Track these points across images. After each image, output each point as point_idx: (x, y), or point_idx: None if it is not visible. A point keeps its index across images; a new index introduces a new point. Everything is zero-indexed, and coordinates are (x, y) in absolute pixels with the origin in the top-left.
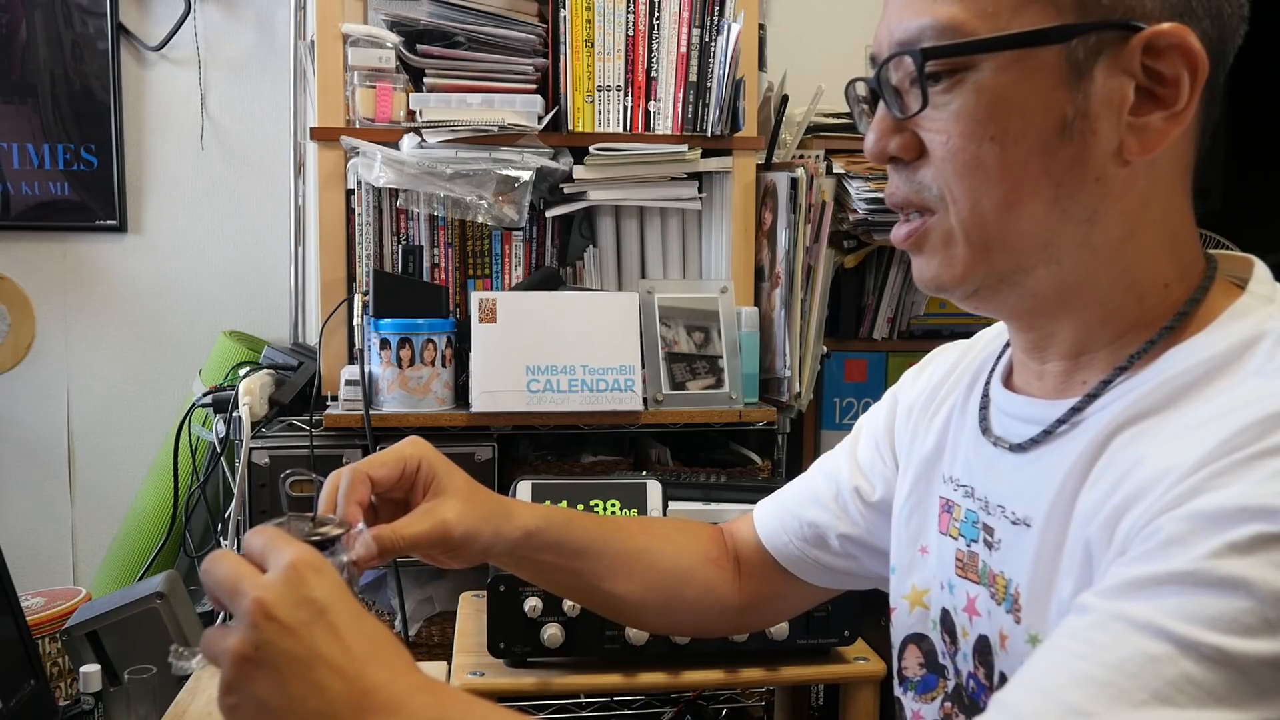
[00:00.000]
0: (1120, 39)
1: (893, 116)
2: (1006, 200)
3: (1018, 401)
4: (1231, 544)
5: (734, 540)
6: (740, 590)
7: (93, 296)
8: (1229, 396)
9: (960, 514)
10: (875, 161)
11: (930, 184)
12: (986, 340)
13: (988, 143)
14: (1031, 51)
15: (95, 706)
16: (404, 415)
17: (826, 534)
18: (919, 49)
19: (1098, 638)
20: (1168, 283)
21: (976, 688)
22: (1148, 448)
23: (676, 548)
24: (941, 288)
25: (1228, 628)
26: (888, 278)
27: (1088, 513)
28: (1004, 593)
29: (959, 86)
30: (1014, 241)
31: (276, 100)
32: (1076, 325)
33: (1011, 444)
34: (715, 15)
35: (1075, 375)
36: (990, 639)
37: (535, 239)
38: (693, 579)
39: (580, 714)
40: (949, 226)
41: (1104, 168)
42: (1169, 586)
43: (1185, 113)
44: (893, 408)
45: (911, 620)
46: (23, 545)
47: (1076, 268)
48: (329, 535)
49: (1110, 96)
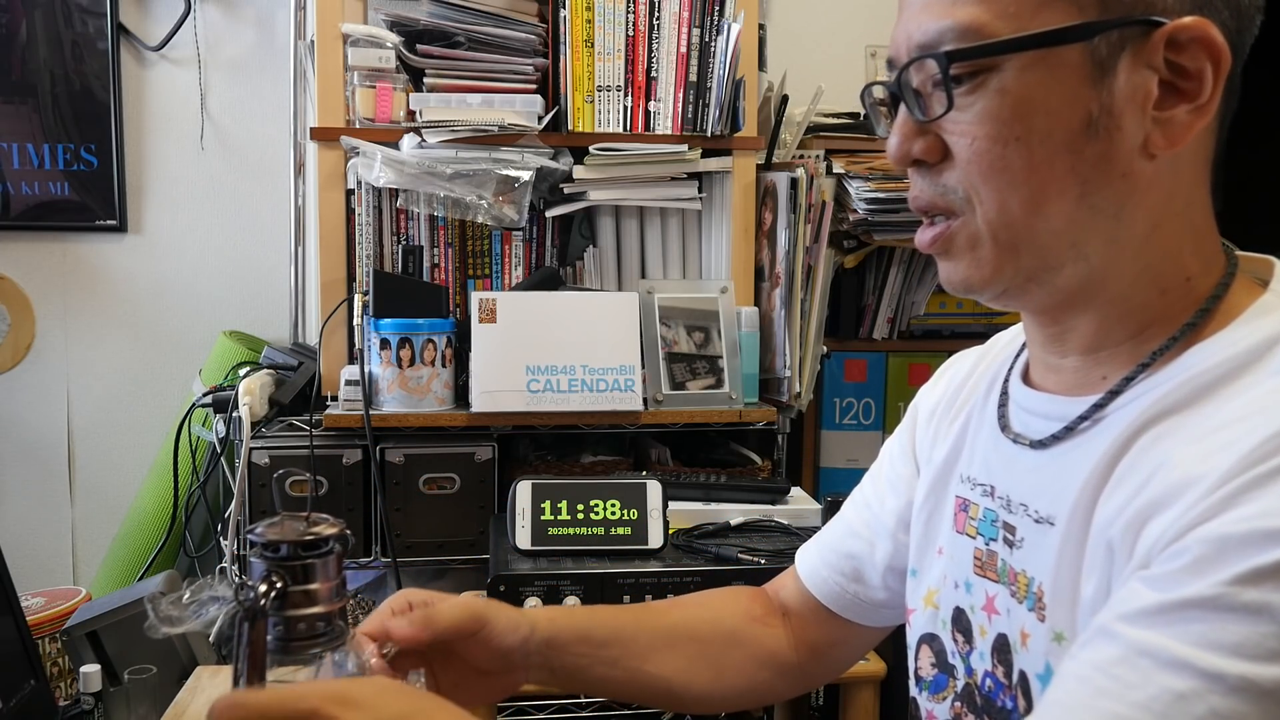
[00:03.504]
0: (1143, 34)
1: (915, 120)
2: (1033, 200)
3: (1037, 398)
4: (1256, 570)
5: (779, 595)
6: (795, 645)
7: (93, 296)
8: (1251, 396)
9: (978, 513)
10: (898, 165)
11: (955, 186)
12: (1004, 343)
13: (1013, 143)
14: (1055, 50)
15: (95, 706)
16: (404, 415)
17: (863, 566)
18: (942, 51)
19: (1125, 675)
20: (1190, 276)
21: (995, 686)
22: (1172, 448)
23: (714, 612)
24: (970, 289)
25: (1251, 655)
26: (888, 278)
27: (1111, 514)
28: (1025, 591)
29: (982, 88)
30: (1042, 240)
31: (276, 100)
32: (1097, 319)
33: (1032, 441)
34: (715, 15)
35: (1095, 370)
36: (1010, 637)
37: (535, 239)
38: (739, 641)
39: (580, 714)
40: (976, 228)
41: (1130, 163)
42: (1193, 612)
43: (1209, 105)
44: (913, 418)
45: (925, 620)
46: (23, 545)
47: (1103, 263)
48: (322, 535)
49: (1134, 92)
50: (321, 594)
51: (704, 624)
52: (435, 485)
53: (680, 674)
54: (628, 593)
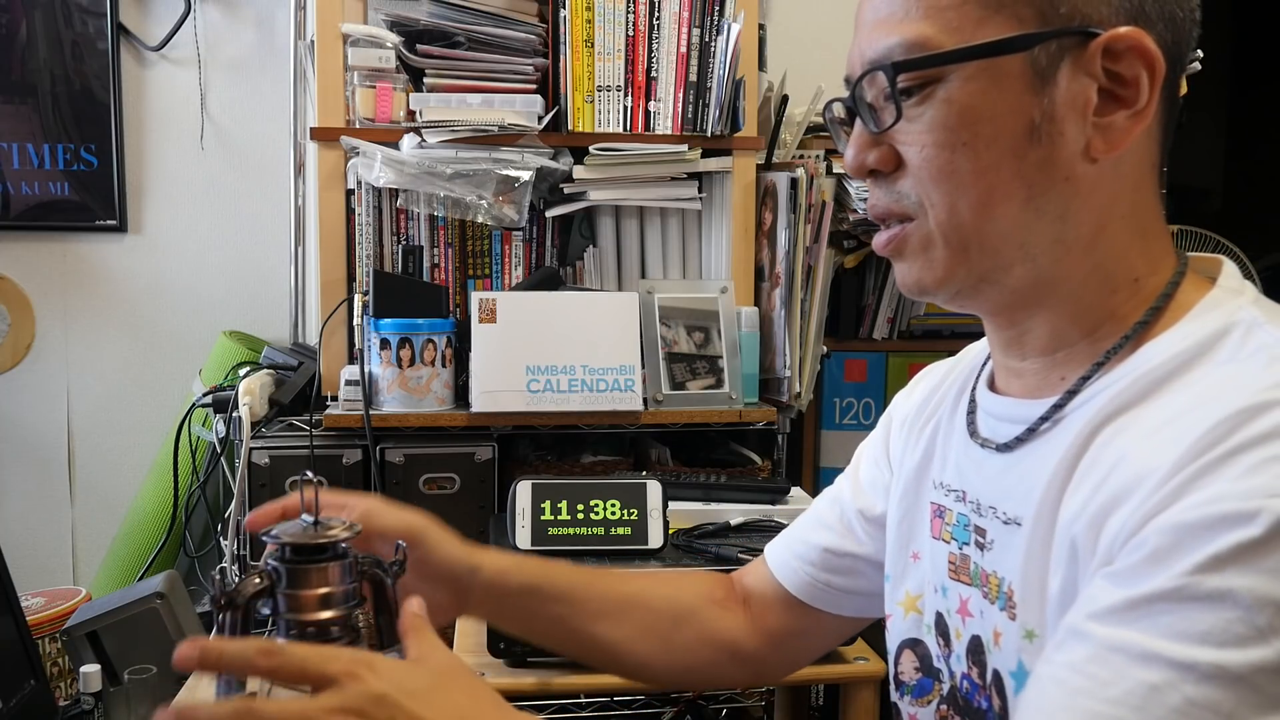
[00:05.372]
0: (1080, 44)
1: (869, 132)
2: (981, 202)
3: (1001, 402)
4: (1215, 556)
5: (743, 583)
6: (754, 633)
7: (93, 296)
8: (1201, 386)
9: (952, 518)
10: (855, 175)
11: (909, 193)
12: (974, 354)
13: (960, 149)
14: (997, 61)
15: (95, 706)
16: (404, 415)
17: (835, 554)
18: (890, 64)
19: (1099, 672)
20: (1138, 277)
21: (970, 688)
22: (1126, 444)
23: (673, 589)
24: (924, 290)
25: (1219, 641)
26: (888, 278)
27: (1074, 512)
28: (997, 591)
29: (930, 99)
30: (991, 241)
31: (276, 100)
32: (1051, 321)
33: (998, 444)
34: (715, 15)
35: (1054, 372)
36: (983, 638)
37: (535, 239)
38: (694, 619)
39: (580, 714)
40: (928, 231)
41: (1073, 167)
42: (1159, 605)
43: (1147, 110)
44: (888, 425)
45: (906, 626)
46: (23, 545)
47: (1051, 264)
48: (338, 538)
49: (1074, 99)
50: (329, 598)
51: (660, 598)
52: (435, 485)
53: (626, 641)
54: None
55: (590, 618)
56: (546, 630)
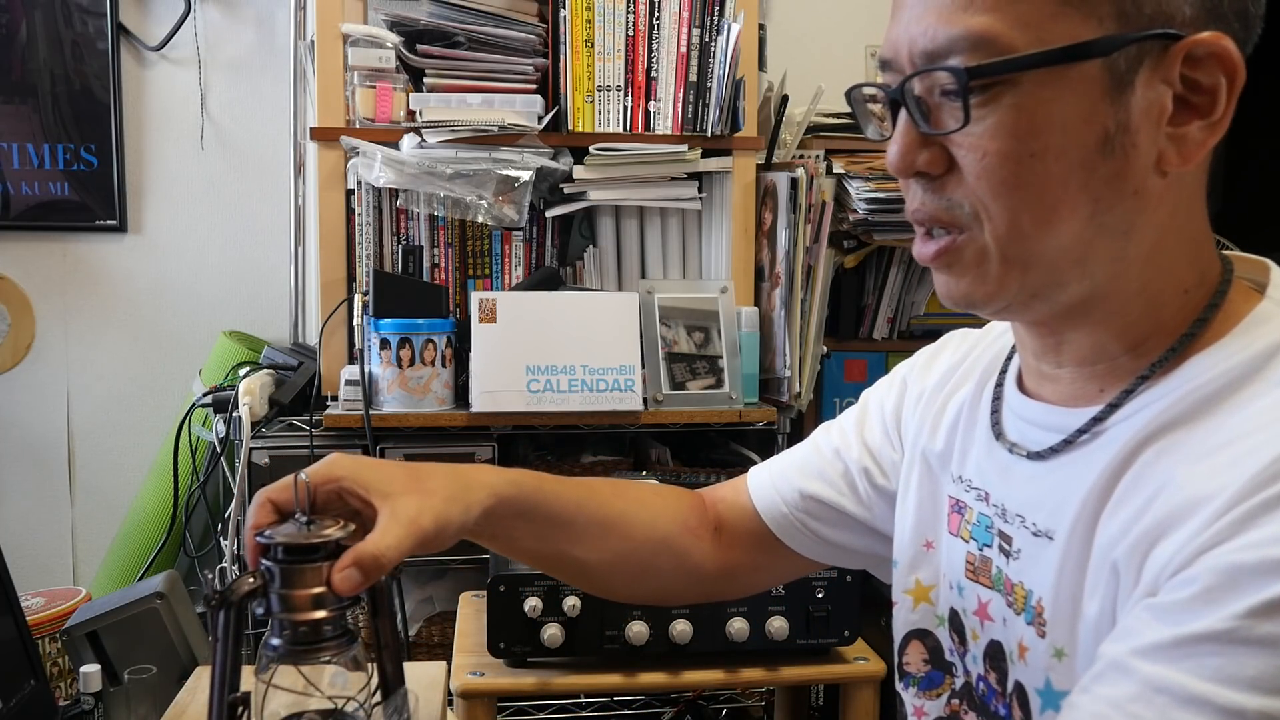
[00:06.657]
0: (1161, 48)
1: (920, 131)
2: (1045, 218)
3: (1034, 407)
4: (1270, 601)
5: (717, 508)
6: (717, 559)
7: (93, 296)
8: (1254, 410)
9: (972, 516)
10: (900, 175)
11: (962, 201)
12: (999, 332)
13: (1027, 160)
14: (1073, 65)
15: (95, 706)
16: (404, 415)
17: (830, 509)
18: (963, 69)
19: (1142, 712)
20: (1187, 289)
21: (987, 691)
22: (1174, 466)
23: (653, 514)
24: (972, 305)
25: (1269, 689)
26: (888, 278)
27: (1115, 533)
28: (1024, 604)
29: (995, 102)
30: (1050, 258)
31: (276, 100)
32: (1095, 334)
33: (1030, 451)
34: (715, 15)
35: (1091, 383)
36: (1005, 646)
37: (535, 239)
38: (668, 549)
39: (580, 714)
40: (983, 244)
41: (1143, 180)
42: (1207, 646)
43: (1223, 121)
44: (902, 392)
45: (916, 616)
46: (23, 545)
47: (1107, 280)
48: (331, 538)
49: (1150, 108)
50: (323, 598)
51: (640, 526)
52: None
53: (602, 565)
54: None
55: (572, 541)
56: (529, 548)
